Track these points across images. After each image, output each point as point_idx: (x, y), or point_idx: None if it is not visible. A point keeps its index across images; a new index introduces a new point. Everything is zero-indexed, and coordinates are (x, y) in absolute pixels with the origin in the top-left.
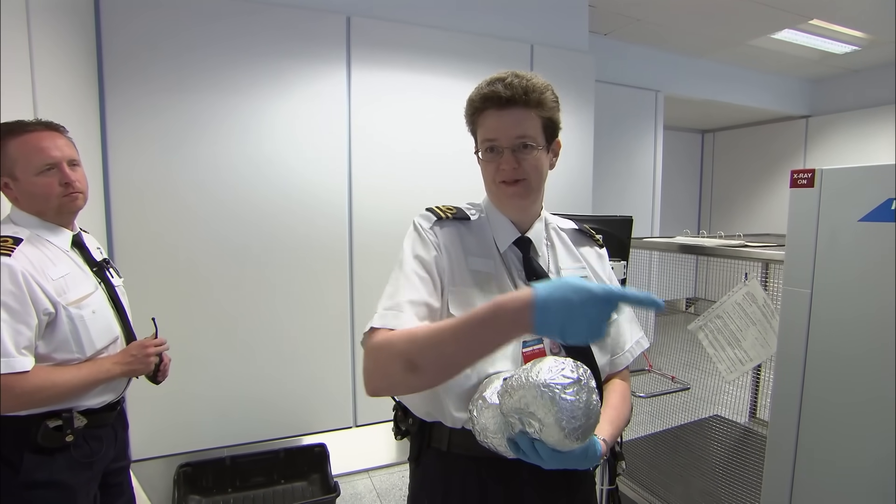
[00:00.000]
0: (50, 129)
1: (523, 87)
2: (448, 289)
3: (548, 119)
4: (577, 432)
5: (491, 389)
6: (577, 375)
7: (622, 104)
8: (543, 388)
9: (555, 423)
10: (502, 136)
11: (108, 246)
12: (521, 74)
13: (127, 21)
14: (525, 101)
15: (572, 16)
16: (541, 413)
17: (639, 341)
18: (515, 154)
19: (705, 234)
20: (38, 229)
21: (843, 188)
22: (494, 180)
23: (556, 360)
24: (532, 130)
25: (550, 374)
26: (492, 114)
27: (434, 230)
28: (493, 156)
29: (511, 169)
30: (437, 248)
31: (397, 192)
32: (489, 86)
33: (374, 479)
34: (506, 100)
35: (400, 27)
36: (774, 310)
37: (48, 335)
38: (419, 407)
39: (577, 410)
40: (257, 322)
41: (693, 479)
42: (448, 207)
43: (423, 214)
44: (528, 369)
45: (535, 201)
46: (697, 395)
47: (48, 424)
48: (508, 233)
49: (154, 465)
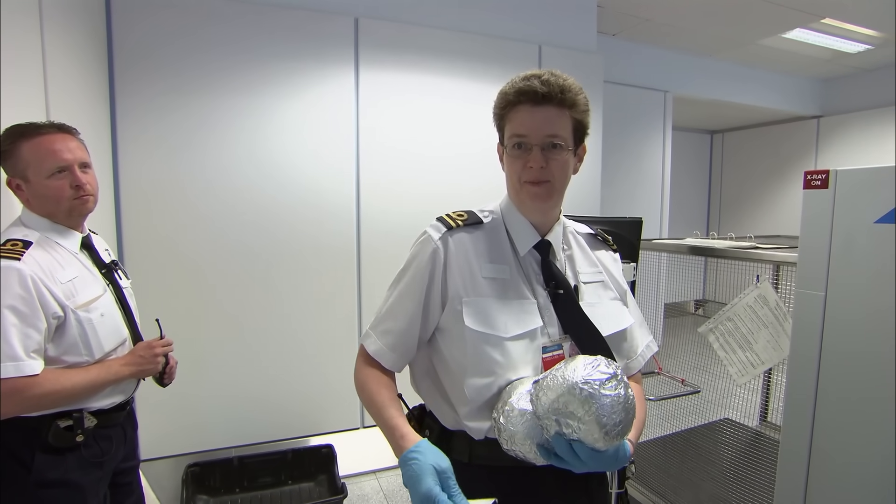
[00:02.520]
0: (62, 132)
1: (560, 86)
2: (463, 301)
3: (579, 122)
4: (617, 428)
5: (517, 395)
6: (614, 370)
7: (630, 105)
8: (582, 386)
9: (595, 421)
10: (533, 133)
11: (117, 247)
12: (557, 73)
13: (137, 22)
14: (560, 101)
15: (580, 16)
16: (580, 411)
17: (648, 345)
18: (544, 153)
19: (715, 236)
20: (48, 231)
21: (859, 189)
22: (520, 179)
23: (588, 358)
24: (563, 131)
25: (587, 371)
26: (525, 109)
27: (444, 240)
28: (521, 152)
29: (538, 168)
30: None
31: (405, 193)
32: (525, 81)
33: (382, 481)
34: (541, 96)
35: (408, 28)
36: (787, 312)
37: (57, 338)
38: (446, 414)
39: (616, 406)
40: (265, 323)
41: (703, 484)
42: (459, 214)
43: (434, 224)
44: (561, 368)
45: (556, 204)
46: (707, 399)
47: (59, 424)
48: (528, 236)
49: (163, 464)
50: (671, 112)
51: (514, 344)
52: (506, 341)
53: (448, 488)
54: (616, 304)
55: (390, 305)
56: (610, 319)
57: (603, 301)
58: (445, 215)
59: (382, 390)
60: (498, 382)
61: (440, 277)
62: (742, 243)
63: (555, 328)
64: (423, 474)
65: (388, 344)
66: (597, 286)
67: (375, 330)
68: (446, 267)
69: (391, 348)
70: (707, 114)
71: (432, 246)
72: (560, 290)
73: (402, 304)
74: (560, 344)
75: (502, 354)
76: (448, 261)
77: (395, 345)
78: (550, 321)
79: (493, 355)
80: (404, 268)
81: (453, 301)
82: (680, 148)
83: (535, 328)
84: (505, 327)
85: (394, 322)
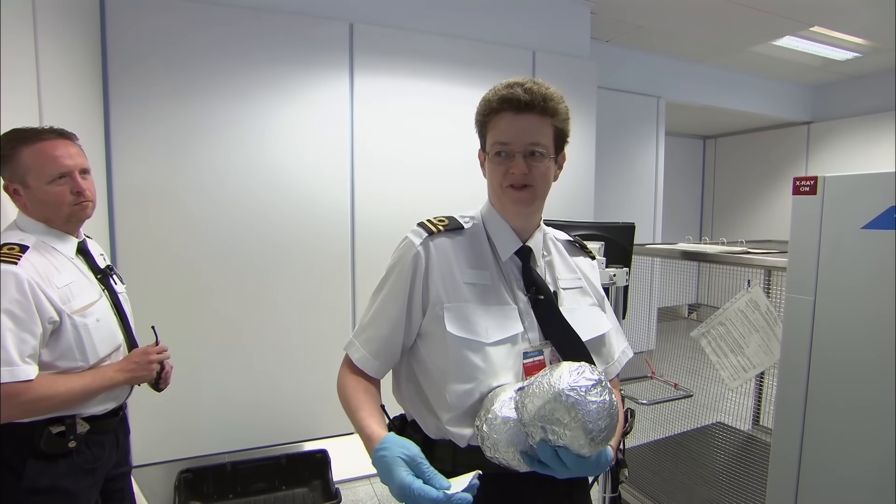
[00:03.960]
0: (62, 138)
1: (542, 95)
2: (444, 306)
3: (560, 130)
4: (603, 434)
5: (499, 402)
6: (598, 377)
7: (624, 110)
8: (569, 392)
9: (581, 427)
10: (515, 141)
11: (111, 251)
12: (539, 82)
13: (131, 26)
14: (542, 109)
15: (574, 23)
16: (566, 418)
17: (624, 351)
18: (526, 160)
19: (708, 241)
20: (45, 236)
21: (846, 196)
22: (501, 184)
23: (573, 364)
24: (545, 139)
25: (573, 378)
26: (507, 116)
27: (426, 245)
28: (503, 159)
29: (521, 174)
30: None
31: (400, 198)
32: (508, 88)
33: (376, 486)
34: (524, 104)
35: (402, 34)
36: (777, 317)
37: (52, 343)
38: (429, 423)
39: (602, 412)
40: (259, 328)
41: (696, 487)
42: (439, 219)
43: (415, 230)
44: (546, 375)
45: (537, 210)
46: (700, 402)
47: (51, 430)
48: (510, 241)
49: (155, 470)
50: (664, 118)
51: (495, 349)
52: (487, 346)
53: (422, 473)
54: (594, 309)
55: (373, 312)
56: (589, 325)
57: (581, 307)
58: (426, 221)
59: (359, 394)
60: (479, 388)
61: (421, 282)
62: (734, 248)
63: (535, 333)
64: (393, 466)
65: (371, 351)
66: (575, 292)
67: (359, 338)
68: (427, 272)
69: (374, 355)
70: (699, 119)
71: (413, 251)
72: (541, 295)
73: (385, 311)
74: (541, 350)
75: (483, 360)
76: (429, 266)
77: (379, 352)
78: (531, 326)
79: (475, 361)
80: (386, 274)
81: (434, 306)
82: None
83: (516, 333)
84: (486, 332)
85: (377, 329)
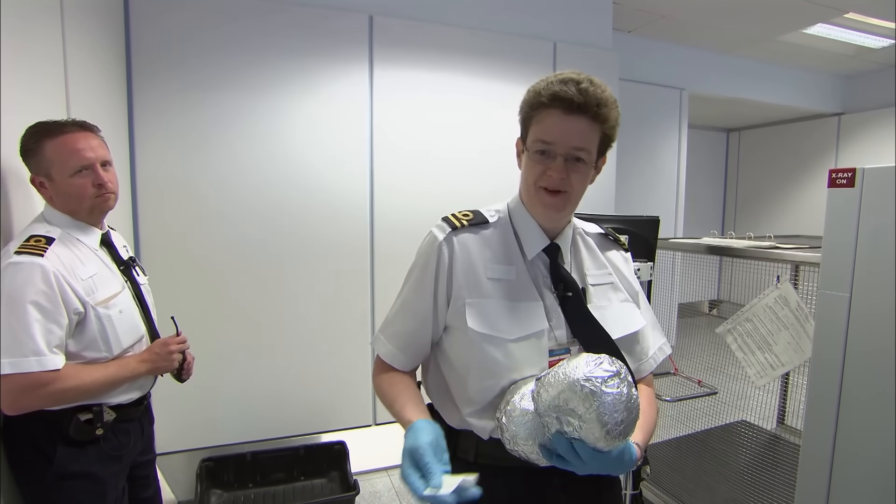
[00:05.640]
0: (84, 130)
1: (596, 99)
2: (466, 301)
3: (607, 136)
4: (619, 427)
5: (519, 395)
6: (616, 368)
7: (646, 102)
8: (584, 382)
9: (596, 419)
10: (560, 142)
11: (134, 243)
12: (595, 82)
13: (154, 22)
14: (594, 114)
15: (596, 13)
16: (581, 408)
17: (661, 347)
18: (567, 164)
19: (733, 235)
20: (70, 228)
21: (887, 188)
22: (536, 183)
23: (591, 355)
24: (590, 145)
25: (589, 368)
26: (555, 114)
27: (449, 240)
28: (543, 158)
29: (559, 179)
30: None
31: (419, 190)
32: (562, 84)
33: (394, 478)
34: (576, 106)
35: (422, 26)
36: (809, 314)
37: (77, 334)
38: (451, 413)
39: (618, 404)
40: (279, 320)
41: (718, 486)
42: (464, 213)
43: (439, 225)
44: (563, 365)
45: (568, 213)
46: (723, 400)
47: (80, 418)
48: (537, 239)
49: (178, 458)
50: (687, 110)
51: (517, 345)
52: (509, 343)
53: (422, 466)
54: (627, 305)
55: (398, 307)
56: (620, 322)
57: (613, 304)
58: (451, 215)
59: (392, 389)
60: (501, 383)
61: (445, 277)
62: (762, 243)
63: (563, 331)
64: (403, 457)
65: (398, 346)
66: (606, 288)
67: (384, 333)
68: (451, 267)
69: (401, 350)
70: (724, 111)
71: (437, 246)
72: (569, 292)
73: (411, 306)
74: (567, 348)
75: (505, 356)
76: (453, 261)
77: (406, 346)
78: (558, 324)
79: (497, 356)
80: (411, 269)
81: (457, 301)
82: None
83: (540, 330)
84: (508, 329)
85: (403, 324)
